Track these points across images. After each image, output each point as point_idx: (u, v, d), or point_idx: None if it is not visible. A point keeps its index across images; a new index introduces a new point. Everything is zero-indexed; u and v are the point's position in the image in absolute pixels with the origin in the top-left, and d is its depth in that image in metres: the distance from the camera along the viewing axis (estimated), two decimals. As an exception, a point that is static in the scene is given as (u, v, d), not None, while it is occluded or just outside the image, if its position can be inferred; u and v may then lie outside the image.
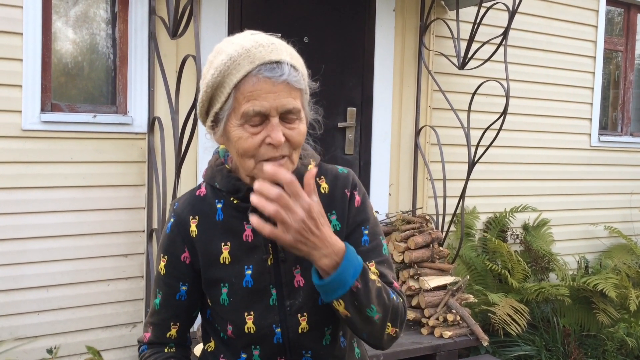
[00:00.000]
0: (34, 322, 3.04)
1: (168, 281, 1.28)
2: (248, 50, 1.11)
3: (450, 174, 4.07)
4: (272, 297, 1.23)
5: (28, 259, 3.01)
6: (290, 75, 1.11)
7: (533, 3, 4.55)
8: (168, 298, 1.29)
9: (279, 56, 1.12)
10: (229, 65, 1.12)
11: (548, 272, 4.49)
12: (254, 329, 1.22)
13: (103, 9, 3.24)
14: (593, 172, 5.06)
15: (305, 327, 1.24)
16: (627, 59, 5.30)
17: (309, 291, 1.24)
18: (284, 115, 1.13)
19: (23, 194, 2.97)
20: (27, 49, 2.91)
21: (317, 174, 1.31)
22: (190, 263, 1.26)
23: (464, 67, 3.84)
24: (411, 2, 4.03)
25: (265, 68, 1.10)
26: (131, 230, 3.24)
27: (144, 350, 1.35)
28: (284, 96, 1.11)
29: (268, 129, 1.12)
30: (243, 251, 1.23)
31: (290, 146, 1.16)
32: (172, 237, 1.26)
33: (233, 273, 1.23)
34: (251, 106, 1.11)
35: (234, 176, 1.24)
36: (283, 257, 1.23)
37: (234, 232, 1.24)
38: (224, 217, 1.25)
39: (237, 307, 1.23)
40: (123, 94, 3.22)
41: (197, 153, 3.35)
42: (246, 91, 1.11)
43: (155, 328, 1.33)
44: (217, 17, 3.37)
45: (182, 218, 1.26)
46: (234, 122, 1.14)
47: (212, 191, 1.27)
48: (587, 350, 4.07)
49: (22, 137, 2.95)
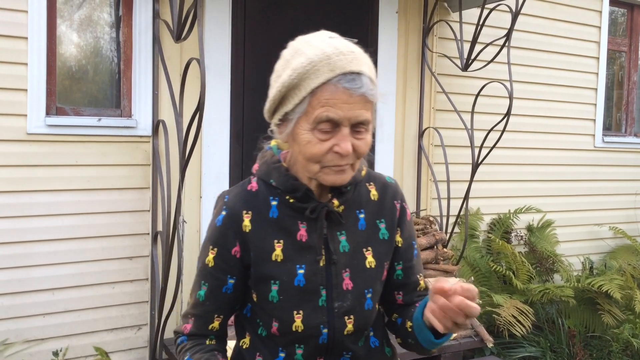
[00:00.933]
0: (40, 324, 3.05)
1: (216, 274, 1.27)
2: (329, 57, 1.11)
3: (454, 175, 4.07)
4: (321, 297, 1.24)
5: (34, 261, 3.02)
6: (368, 88, 1.11)
7: (536, 4, 4.54)
8: (214, 290, 1.28)
9: (359, 67, 1.11)
10: (309, 69, 1.11)
11: (552, 273, 4.49)
12: (301, 328, 1.23)
13: (107, 13, 3.25)
14: (597, 172, 5.05)
15: (351, 329, 1.26)
16: (630, 60, 5.29)
17: (358, 295, 1.26)
18: (354, 125, 1.14)
19: (28, 197, 2.99)
20: (32, 53, 2.93)
21: (367, 179, 1.33)
22: (240, 257, 1.25)
23: (467, 68, 3.84)
24: (414, 4, 4.03)
25: (345, 78, 1.10)
26: (136, 233, 3.25)
27: (183, 341, 1.33)
28: (358, 108, 1.12)
29: (338, 137, 1.13)
30: (296, 250, 1.24)
31: (356, 156, 1.17)
32: (224, 231, 1.25)
33: (285, 271, 1.23)
34: (325, 112, 1.11)
35: (292, 175, 1.24)
36: (335, 260, 1.24)
37: (288, 230, 1.24)
38: (278, 215, 1.25)
39: (286, 305, 1.23)
40: (127, 97, 3.23)
41: (202, 156, 3.36)
42: (322, 98, 1.11)
43: (198, 320, 1.31)
44: (220, 20, 3.38)
45: (235, 212, 1.25)
46: (305, 126, 1.14)
47: (266, 188, 1.26)
48: (593, 352, 4.06)
49: (27, 141, 2.96)
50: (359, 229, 1.28)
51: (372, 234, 1.30)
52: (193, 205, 3.35)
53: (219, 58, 3.38)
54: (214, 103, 3.37)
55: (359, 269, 1.27)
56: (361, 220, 1.29)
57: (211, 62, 3.34)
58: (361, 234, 1.28)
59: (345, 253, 1.26)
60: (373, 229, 1.30)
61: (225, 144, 3.44)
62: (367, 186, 1.32)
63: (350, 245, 1.26)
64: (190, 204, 3.33)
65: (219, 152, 3.42)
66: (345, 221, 1.26)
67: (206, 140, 3.37)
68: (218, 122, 3.41)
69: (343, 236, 1.26)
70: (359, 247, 1.27)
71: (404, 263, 1.35)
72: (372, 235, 1.29)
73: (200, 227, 3.37)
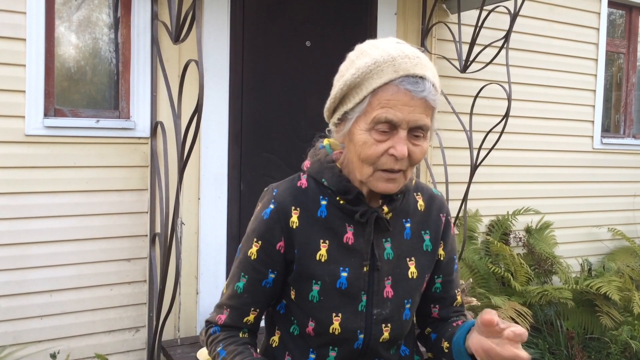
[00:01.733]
0: (37, 326, 3.05)
1: (258, 267, 1.25)
2: (394, 59, 1.10)
3: (453, 177, 4.06)
4: (361, 302, 1.23)
5: (32, 263, 3.02)
6: (430, 92, 1.10)
7: (535, 6, 4.55)
8: (254, 283, 1.26)
9: (423, 71, 1.11)
10: (372, 69, 1.11)
11: (551, 275, 4.49)
12: (338, 331, 1.22)
13: (106, 14, 3.25)
14: (596, 174, 5.06)
15: (387, 337, 1.26)
16: (629, 61, 5.29)
17: (397, 304, 1.26)
18: (412, 130, 1.12)
19: (26, 199, 2.98)
20: (30, 55, 2.93)
21: (415, 189, 1.32)
22: (284, 253, 1.24)
23: (466, 70, 3.84)
24: (413, 6, 4.04)
25: (408, 81, 1.09)
26: (134, 235, 3.24)
27: (215, 332, 1.30)
28: (418, 112, 1.11)
29: (394, 140, 1.12)
30: (341, 252, 1.23)
31: (410, 162, 1.15)
32: (271, 224, 1.23)
33: (328, 272, 1.22)
34: (384, 113, 1.10)
35: (345, 177, 1.22)
36: (379, 266, 1.23)
37: (335, 231, 1.23)
38: (327, 215, 1.23)
39: (326, 306, 1.22)
40: (126, 98, 3.23)
41: (200, 157, 3.35)
42: (383, 98, 1.10)
43: (234, 311, 1.29)
44: (219, 21, 3.38)
45: (284, 207, 1.23)
46: (362, 126, 1.13)
47: (317, 186, 1.25)
48: (591, 353, 4.06)
49: (25, 142, 2.96)
50: (404, 238, 1.28)
51: (417, 245, 1.29)
52: (191, 207, 3.34)
53: (217, 60, 3.38)
54: (213, 105, 3.37)
55: (401, 278, 1.26)
56: (407, 229, 1.28)
57: (209, 63, 3.34)
58: (406, 243, 1.28)
59: (389, 261, 1.25)
60: (418, 240, 1.29)
61: (224, 146, 3.44)
62: (415, 196, 1.31)
63: (395, 253, 1.26)
64: (188, 206, 3.33)
65: (218, 153, 3.42)
66: (391, 229, 1.25)
67: (204, 141, 3.37)
68: (216, 124, 3.41)
69: (388, 243, 1.25)
70: (403, 256, 1.27)
71: (444, 277, 1.35)
72: (416, 246, 1.29)
73: (199, 229, 3.37)
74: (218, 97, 3.40)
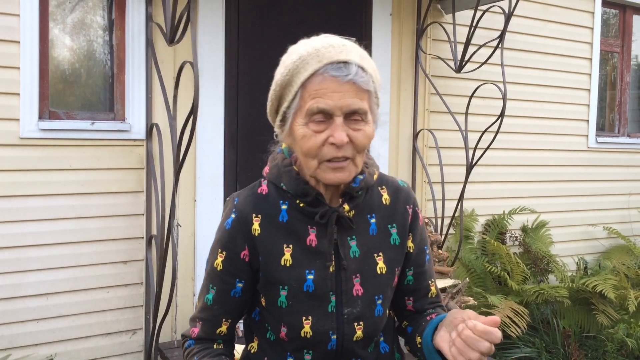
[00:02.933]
0: (33, 330, 3.03)
1: (224, 277, 1.25)
2: (318, 50, 1.12)
3: (449, 176, 4.07)
4: (331, 303, 1.23)
5: (27, 266, 3.00)
6: (358, 75, 1.10)
7: (529, 6, 4.56)
8: (223, 294, 1.26)
9: (347, 56, 1.11)
10: (298, 64, 1.12)
11: (547, 273, 4.50)
12: (310, 334, 1.22)
13: (100, 16, 3.24)
14: (591, 173, 5.07)
15: (360, 335, 1.24)
16: (623, 60, 5.31)
17: (368, 301, 1.24)
18: (349, 115, 1.12)
19: (22, 202, 2.97)
20: (24, 57, 2.92)
21: (379, 183, 1.31)
22: (249, 261, 1.24)
23: (461, 70, 3.85)
24: (408, 6, 4.04)
25: (332, 67, 1.10)
26: (130, 237, 3.23)
27: (190, 345, 1.31)
28: (350, 96, 1.11)
29: (332, 128, 1.12)
30: (305, 255, 1.22)
31: (354, 148, 1.14)
32: (233, 234, 1.23)
33: (294, 276, 1.21)
34: (315, 103, 1.11)
35: (303, 179, 1.22)
36: (345, 265, 1.22)
37: (298, 235, 1.22)
38: (288, 219, 1.23)
39: (295, 310, 1.22)
40: (121, 100, 3.22)
41: (196, 159, 3.35)
42: (312, 89, 1.11)
43: (206, 324, 1.29)
44: (214, 23, 3.37)
45: (245, 215, 1.23)
46: (299, 121, 1.14)
47: (277, 191, 1.25)
48: (588, 352, 4.07)
49: (20, 145, 2.95)
50: (370, 234, 1.26)
51: (384, 239, 1.28)
52: (187, 209, 3.34)
53: (212, 61, 3.38)
54: (208, 106, 3.37)
55: (370, 275, 1.25)
56: (372, 225, 1.27)
57: (205, 65, 3.34)
58: (372, 239, 1.26)
59: (356, 258, 1.24)
60: (384, 234, 1.28)
61: (220, 147, 3.44)
62: (379, 190, 1.30)
63: (361, 250, 1.25)
64: (184, 208, 3.32)
65: (213, 155, 3.42)
66: (355, 226, 1.24)
67: (200, 143, 3.36)
68: (212, 125, 3.40)
69: (354, 241, 1.24)
70: (370, 252, 1.26)
71: (415, 268, 1.33)
72: (383, 241, 1.28)
73: (195, 231, 3.36)
74: (213, 98, 3.39)
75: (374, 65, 1.18)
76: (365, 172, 1.24)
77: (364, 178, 1.23)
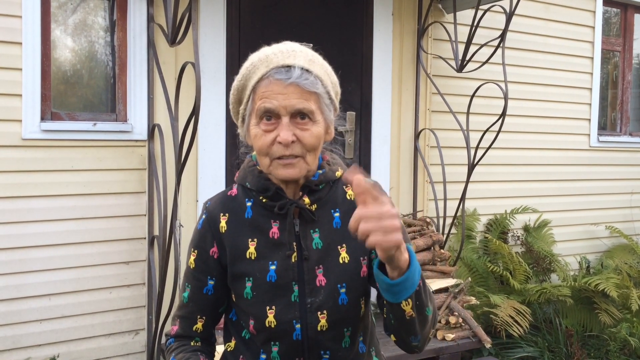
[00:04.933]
0: (36, 330, 3.04)
1: (197, 275, 1.33)
2: (267, 56, 1.22)
3: (450, 176, 4.07)
4: (293, 293, 1.27)
5: (30, 267, 3.01)
6: (301, 78, 1.18)
7: (530, 5, 4.56)
8: (196, 292, 1.33)
9: (292, 60, 1.19)
10: (250, 69, 1.23)
11: (549, 273, 4.49)
12: (274, 324, 1.26)
13: (101, 17, 3.25)
14: (593, 172, 5.07)
15: (325, 325, 1.27)
16: (624, 59, 5.31)
17: (330, 289, 1.27)
18: (295, 115, 1.20)
19: (24, 203, 2.98)
20: (26, 58, 2.92)
21: (345, 182, 1.36)
22: (218, 258, 1.31)
23: (462, 69, 3.85)
24: (409, 6, 4.04)
25: (278, 71, 1.19)
26: (132, 238, 3.24)
27: (170, 343, 1.38)
28: (294, 97, 1.18)
29: (279, 128, 1.20)
30: (269, 248, 1.28)
31: (303, 147, 1.21)
32: (203, 233, 1.32)
33: (258, 268, 1.27)
34: (262, 103, 1.19)
35: (264, 176, 1.30)
36: (307, 256, 1.28)
37: (261, 229, 1.29)
38: (252, 215, 1.31)
39: (259, 300, 1.27)
40: (122, 101, 3.23)
41: (198, 160, 3.35)
42: (260, 92, 1.20)
43: (183, 321, 1.37)
44: (215, 23, 3.38)
45: (213, 215, 1.32)
46: (253, 121, 1.23)
47: (243, 191, 1.34)
48: (590, 351, 4.06)
49: (22, 146, 2.96)
50: (334, 227, 1.31)
51: (347, 232, 1.26)
52: (189, 209, 3.34)
53: (214, 61, 3.38)
54: (210, 106, 3.37)
55: (332, 265, 1.29)
56: (336, 218, 1.32)
57: (206, 65, 3.34)
58: (336, 232, 1.31)
59: (318, 250, 1.28)
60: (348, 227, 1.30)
61: (222, 148, 3.44)
62: (344, 188, 1.35)
63: (324, 242, 1.29)
64: (186, 208, 3.33)
65: (215, 155, 3.42)
66: (319, 219, 1.30)
67: (202, 144, 3.37)
68: (214, 126, 3.41)
69: (316, 234, 1.29)
70: (334, 244, 1.30)
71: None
72: (347, 233, 1.28)
73: (197, 231, 3.36)
74: (215, 98, 3.40)
75: (329, 69, 1.27)
76: (326, 168, 1.32)
77: (323, 172, 1.30)
